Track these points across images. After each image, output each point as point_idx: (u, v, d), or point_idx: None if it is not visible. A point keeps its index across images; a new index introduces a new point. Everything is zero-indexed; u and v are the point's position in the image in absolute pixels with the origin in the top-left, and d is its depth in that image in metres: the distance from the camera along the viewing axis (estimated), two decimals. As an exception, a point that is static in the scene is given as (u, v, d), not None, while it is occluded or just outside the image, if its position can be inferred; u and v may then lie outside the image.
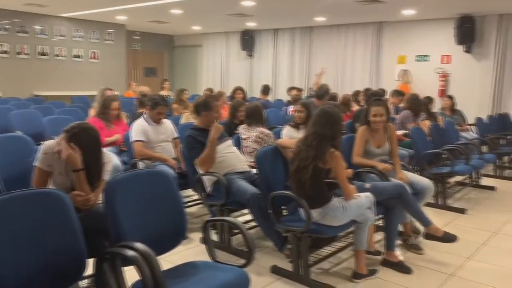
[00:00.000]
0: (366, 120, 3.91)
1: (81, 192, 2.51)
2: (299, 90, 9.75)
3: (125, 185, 2.30)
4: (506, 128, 7.56)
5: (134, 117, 5.26)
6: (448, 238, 3.50)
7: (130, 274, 2.10)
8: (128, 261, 1.98)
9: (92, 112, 5.59)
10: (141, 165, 4.07)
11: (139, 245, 1.98)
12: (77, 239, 2.05)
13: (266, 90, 9.30)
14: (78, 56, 11.42)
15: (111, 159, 2.85)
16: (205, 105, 3.73)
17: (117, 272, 2.11)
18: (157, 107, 4.20)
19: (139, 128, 4.18)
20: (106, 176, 2.68)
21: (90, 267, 2.17)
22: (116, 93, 8.62)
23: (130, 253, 1.96)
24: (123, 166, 4.35)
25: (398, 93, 7.84)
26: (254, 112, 4.56)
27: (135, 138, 4.14)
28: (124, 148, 4.61)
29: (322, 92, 6.01)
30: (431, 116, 6.79)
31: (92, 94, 7.12)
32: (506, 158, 7.11)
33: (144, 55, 14.02)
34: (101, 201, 2.43)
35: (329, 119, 3.09)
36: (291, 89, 9.82)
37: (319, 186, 3.03)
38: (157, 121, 4.26)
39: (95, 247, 2.18)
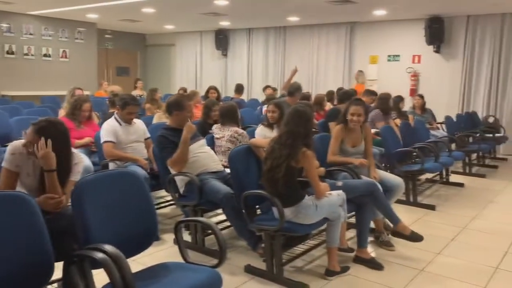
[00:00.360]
0: (344, 119, 3.95)
1: (54, 195, 2.45)
2: (274, 89, 9.81)
3: (95, 186, 2.26)
4: (474, 126, 7.78)
5: (105, 117, 5.17)
6: (415, 237, 3.58)
7: (100, 277, 2.06)
8: (97, 264, 1.95)
9: (62, 112, 5.48)
10: (112, 166, 4.01)
11: (108, 247, 1.95)
12: (44, 242, 2.00)
13: (239, 89, 9.30)
14: (47, 55, 11.14)
15: (82, 160, 2.79)
16: (177, 105, 3.70)
17: (86, 275, 2.07)
18: (127, 107, 4.14)
19: (109, 129, 4.11)
20: (78, 177, 2.62)
21: (58, 270, 2.12)
22: (87, 93, 8.46)
23: (99, 255, 1.93)
24: (94, 167, 4.29)
25: (370, 92, 7.96)
26: (229, 111, 4.55)
27: (105, 139, 4.06)
28: (94, 149, 4.52)
29: (293, 90, 6.07)
30: (402, 114, 6.93)
31: (62, 94, 6.97)
32: (474, 156, 7.32)
33: (116, 54, 13.80)
34: (69, 203, 2.37)
35: (301, 117, 3.11)
36: (265, 88, 9.86)
37: (292, 184, 3.05)
38: (127, 121, 4.20)
39: (63, 250, 2.13)
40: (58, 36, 11.30)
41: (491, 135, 7.57)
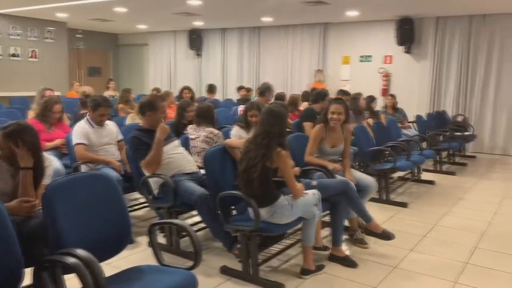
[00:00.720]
0: (325, 118, 3.97)
1: (29, 198, 2.38)
2: (248, 89, 9.81)
3: (66, 189, 2.20)
4: (444, 125, 7.98)
5: (76, 118, 5.07)
6: (387, 235, 3.65)
7: (72, 283, 2.02)
8: (69, 269, 1.90)
9: (31, 113, 5.33)
10: (84, 168, 3.93)
11: (80, 252, 1.91)
12: (13, 248, 1.94)
13: (211, 89, 9.25)
14: (15, 55, 10.84)
15: (52, 162, 2.73)
16: (150, 105, 3.65)
17: (58, 281, 2.02)
18: (99, 108, 4.06)
19: (80, 131, 4.02)
20: (48, 180, 2.57)
21: (28, 277, 2.06)
22: (57, 93, 8.26)
23: (71, 260, 1.88)
24: (65, 170, 4.20)
25: (343, 92, 8.06)
26: (206, 112, 4.51)
27: (77, 141, 3.98)
28: (65, 151, 4.42)
29: (263, 89, 6.17)
30: (374, 114, 7.04)
31: (32, 95, 6.78)
32: (444, 154, 7.50)
33: (87, 54, 13.54)
34: (39, 206, 2.32)
35: (276, 117, 3.12)
36: (240, 88, 9.86)
37: (267, 185, 3.06)
38: (99, 123, 4.12)
39: (33, 255, 2.07)
40: (26, 36, 11.00)
41: (460, 133, 7.78)
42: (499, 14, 8.52)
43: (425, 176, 6.46)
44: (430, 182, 6.24)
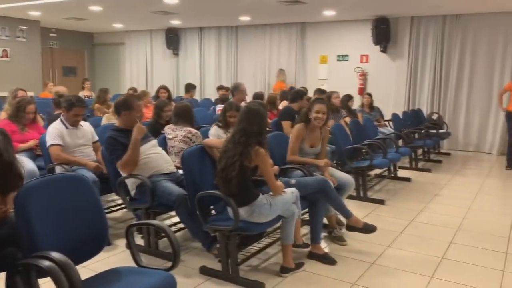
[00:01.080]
0: (306, 118, 3.98)
1: (1, 206, 2.28)
2: (227, 89, 9.78)
3: (40, 191, 2.14)
4: (419, 123, 8.12)
5: (50, 119, 4.95)
6: (368, 228, 3.69)
7: (47, 286, 1.97)
8: (44, 273, 1.86)
9: (3, 114, 5.20)
10: (59, 170, 3.85)
11: (55, 254, 1.86)
12: (-16, 253, 1.89)
13: (189, 88, 9.16)
14: (-14, 55, 10.56)
15: (23, 164, 2.65)
16: (125, 105, 3.59)
17: (32, 286, 1.97)
18: (73, 109, 3.97)
19: (55, 131, 3.93)
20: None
21: (0, 281, 2.01)
22: (31, 94, 8.07)
23: (46, 263, 1.84)
24: (39, 172, 4.11)
25: (320, 91, 8.12)
26: (184, 111, 4.47)
27: (52, 142, 3.89)
28: (39, 152, 4.32)
29: (232, 89, 6.27)
30: (351, 113, 7.12)
31: (4, 95, 6.62)
32: (420, 151, 7.64)
33: (62, 53, 13.27)
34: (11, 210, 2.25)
35: (255, 116, 3.11)
36: (220, 88, 9.81)
37: (245, 183, 3.05)
38: (74, 123, 4.03)
39: (5, 260, 2.01)
40: (-2, 35, 10.73)
41: (435, 131, 7.94)
42: (472, 14, 8.72)
43: (401, 173, 6.56)
44: (406, 179, 6.34)
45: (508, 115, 7.33)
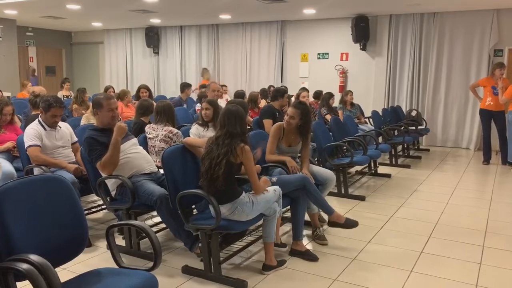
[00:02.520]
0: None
1: None
2: (205, 87, 9.70)
3: (17, 193, 2.11)
4: (398, 120, 8.24)
5: (27, 120, 4.87)
6: (350, 224, 3.73)
7: (25, 290, 1.95)
8: (22, 276, 1.83)
9: (-21, 116, 5.09)
10: (37, 171, 3.79)
11: (33, 257, 1.84)
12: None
13: (184, 87, 8.66)
14: (-40, 54, 10.31)
15: (1, 165, 2.60)
16: (96, 104, 3.55)
17: (10, 289, 1.94)
18: (51, 109, 3.89)
19: (33, 132, 3.86)
20: None
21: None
22: (7, 94, 7.93)
23: (24, 266, 1.82)
24: (16, 174, 4.04)
25: (304, 90, 8.16)
26: (166, 110, 4.46)
27: (30, 143, 3.82)
28: (16, 153, 4.25)
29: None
30: (332, 110, 7.18)
31: (-21, 96, 6.47)
32: (399, 148, 7.75)
33: (39, 52, 13.04)
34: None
35: (237, 117, 3.13)
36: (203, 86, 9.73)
37: (231, 181, 3.07)
38: (52, 125, 3.96)
39: (-18, 264, 1.98)
40: (-28, 33, 10.48)
41: (414, 127, 8.06)
42: (448, 12, 8.87)
43: (381, 169, 6.65)
44: (387, 176, 6.43)
45: (481, 112, 7.49)
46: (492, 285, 3.14)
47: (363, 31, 9.49)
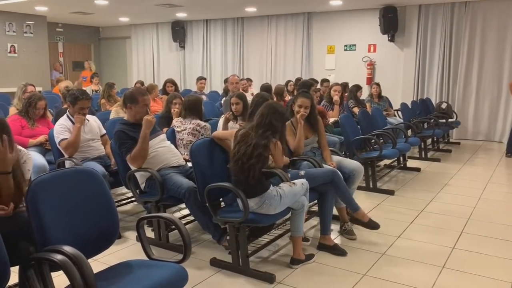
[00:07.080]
0: (291, 112, 3.98)
1: (4, 206, 2.26)
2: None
3: (51, 185, 2.16)
4: (428, 113, 8.06)
5: (58, 113, 4.98)
6: (372, 225, 3.69)
7: (59, 280, 1.99)
8: (56, 266, 1.87)
9: (13, 110, 5.23)
10: (68, 164, 3.87)
11: (67, 248, 1.88)
12: (-4, 247, 1.90)
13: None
14: (-6, 50, 10.62)
15: (30, 157, 2.62)
16: (131, 98, 3.58)
17: (45, 279, 1.98)
18: (78, 102, 3.94)
19: (61, 129, 3.92)
20: (28, 175, 2.49)
21: (14, 275, 2.02)
22: (39, 89, 8.12)
23: (58, 257, 1.85)
24: (48, 166, 4.13)
25: (325, 81, 8.08)
26: (194, 104, 4.49)
27: (62, 137, 3.89)
28: (48, 147, 4.34)
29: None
30: (360, 103, 7.08)
31: (12, 91, 6.66)
32: (429, 141, 7.58)
33: (69, 48, 13.32)
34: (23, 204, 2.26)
35: (280, 115, 3.17)
36: (226, 80, 9.76)
37: (261, 174, 3.06)
38: None
39: (18, 254, 2.03)
40: (5, 30, 10.77)
41: (444, 120, 7.87)
42: (480, 1, 8.59)
43: (410, 163, 6.52)
44: (416, 169, 6.30)
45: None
46: (529, 282, 3.05)
47: (391, 22, 9.30)
